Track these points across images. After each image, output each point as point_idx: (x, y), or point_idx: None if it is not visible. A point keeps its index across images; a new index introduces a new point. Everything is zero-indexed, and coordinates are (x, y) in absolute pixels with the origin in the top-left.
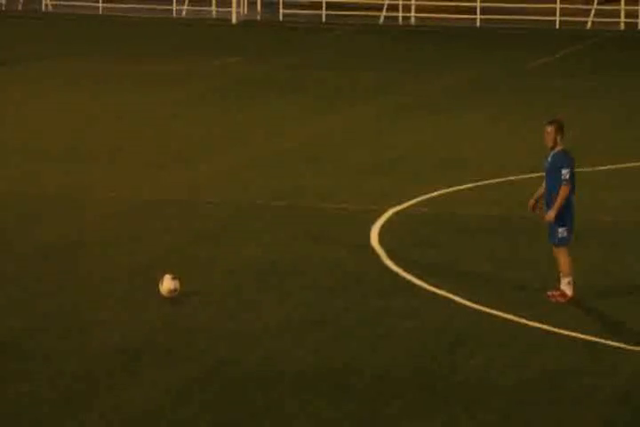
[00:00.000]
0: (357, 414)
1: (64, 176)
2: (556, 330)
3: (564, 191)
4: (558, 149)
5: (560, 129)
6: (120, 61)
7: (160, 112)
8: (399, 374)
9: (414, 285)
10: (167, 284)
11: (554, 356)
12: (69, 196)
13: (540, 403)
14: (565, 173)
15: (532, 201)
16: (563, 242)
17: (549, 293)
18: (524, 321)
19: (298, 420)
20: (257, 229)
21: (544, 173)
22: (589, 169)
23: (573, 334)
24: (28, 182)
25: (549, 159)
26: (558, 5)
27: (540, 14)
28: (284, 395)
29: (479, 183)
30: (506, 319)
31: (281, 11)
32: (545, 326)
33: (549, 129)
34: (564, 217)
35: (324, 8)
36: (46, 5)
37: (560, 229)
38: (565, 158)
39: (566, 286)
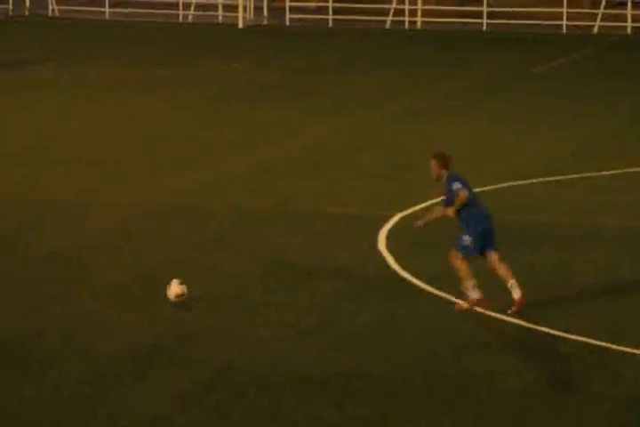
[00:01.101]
0: (364, 418)
1: (69, 181)
2: (563, 334)
3: (461, 196)
4: (445, 177)
5: (441, 162)
6: (126, 66)
7: (164, 116)
8: (406, 377)
9: (421, 289)
10: (175, 288)
11: (561, 360)
12: (75, 201)
13: (546, 407)
14: (454, 184)
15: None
16: (463, 250)
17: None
18: (530, 325)
19: (305, 424)
20: (263, 233)
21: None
22: (595, 174)
23: (580, 338)
24: (33, 187)
25: (445, 189)
26: (565, 9)
27: (547, 19)
28: (291, 399)
29: (485, 188)
30: (512, 324)
31: (287, 16)
32: (552, 331)
33: (431, 164)
34: (469, 227)
35: (330, 13)
36: (53, 10)
37: (464, 237)
38: (453, 179)
39: (471, 291)
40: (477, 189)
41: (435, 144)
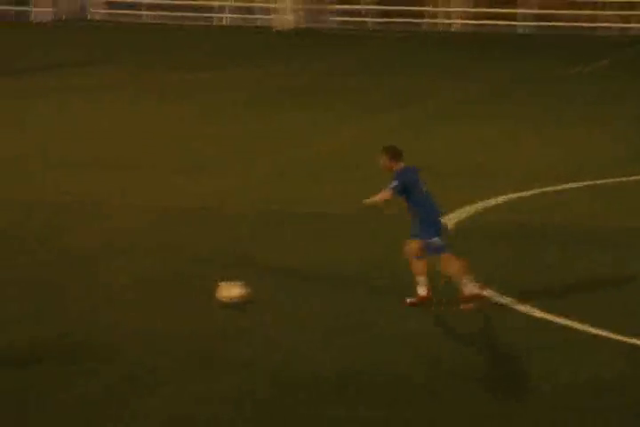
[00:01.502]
0: (376, 419)
1: (88, 184)
2: (600, 333)
3: (382, 194)
4: (395, 169)
5: (389, 155)
6: (161, 69)
7: (196, 120)
8: (419, 379)
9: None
10: (234, 289)
11: (598, 361)
12: (93, 203)
13: (582, 410)
14: (393, 182)
15: None
16: (443, 249)
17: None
18: (555, 319)
19: (317, 424)
20: (283, 236)
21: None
22: (624, 179)
23: (620, 338)
24: (52, 190)
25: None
26: (599, 12)
27: (582, 21)
28: (304, 399)
29: (505, 190)
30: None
31: (325, 18)
32: (579, 325)
33: (380, 160)
34: (428, 230)
35: (369, 16)
36: (91, 14)
37: (434, 240)
38: (397, 175)
39: (473, 287)
40: (496, 193)
41: (460, 147)
